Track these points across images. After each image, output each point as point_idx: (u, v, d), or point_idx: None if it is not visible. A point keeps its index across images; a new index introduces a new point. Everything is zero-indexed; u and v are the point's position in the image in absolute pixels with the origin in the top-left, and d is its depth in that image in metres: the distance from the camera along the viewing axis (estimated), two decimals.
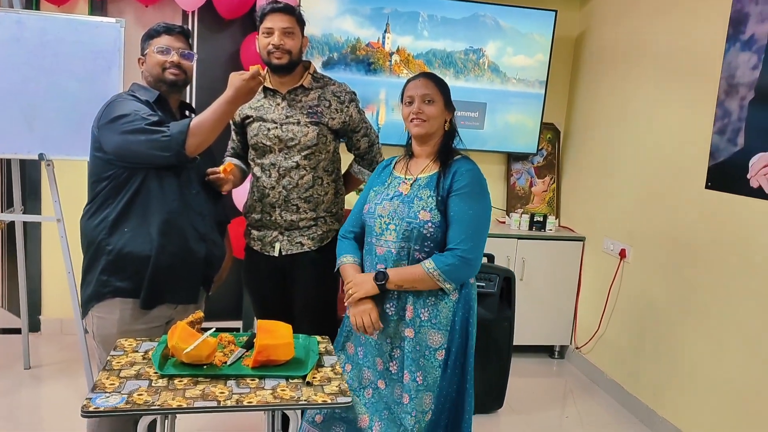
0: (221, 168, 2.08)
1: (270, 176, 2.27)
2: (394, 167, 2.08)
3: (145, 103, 1.95)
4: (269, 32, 2.18)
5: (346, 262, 2.05)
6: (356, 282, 1.95)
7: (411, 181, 1.98)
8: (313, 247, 2.31)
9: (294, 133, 2.23)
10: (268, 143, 2.26)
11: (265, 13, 2.19)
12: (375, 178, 2.12)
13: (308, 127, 2.23)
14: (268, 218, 2.30)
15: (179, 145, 1.86)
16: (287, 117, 2.25)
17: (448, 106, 1.99)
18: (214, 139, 1.95)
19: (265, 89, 2.29)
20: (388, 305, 1.96)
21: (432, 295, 1.92)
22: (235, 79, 1.92)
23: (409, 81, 2.02)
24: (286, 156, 2.25)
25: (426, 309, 1.92)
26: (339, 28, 3.59)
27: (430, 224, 1.89)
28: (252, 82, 1.92)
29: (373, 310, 1.93)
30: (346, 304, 2.00)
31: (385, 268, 1.93)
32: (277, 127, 2.24)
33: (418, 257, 1.92)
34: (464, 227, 1.87)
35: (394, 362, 1.96)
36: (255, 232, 2.37)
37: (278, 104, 2.27)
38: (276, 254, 2.32)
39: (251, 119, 2.30)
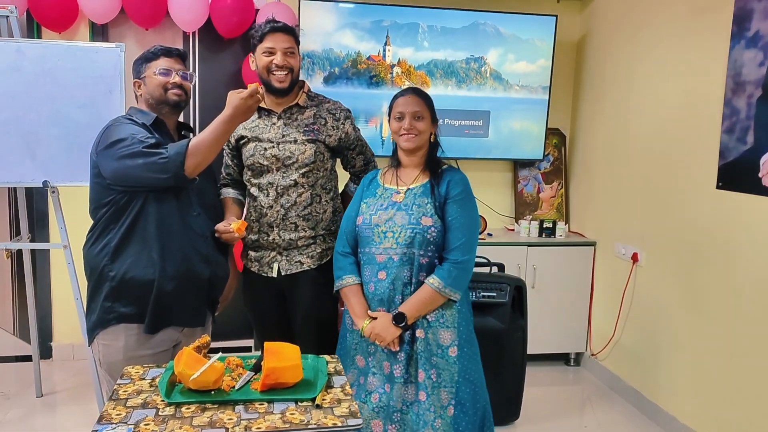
0: (234, 227, 2.04)
1: (268, 195, 2.26)
2: (381, 179, 2.16)
3: (142, 126, 1.94)
4: (271, 51, 2.17)
5: (345, 284, 2.12)
6: (378, 332, 2.02)
7: (404, 191, 2.08)
8: (312, 266, 2.28)
9: (291, 152, 2.22)
10: (266, 163, 2.24)
11: (265, 32, 2.18)
12: (363, 191, 2.17)
13: (305, 145, 2.22)
14: (265, 238, 2.28)
15: (178, 166, 1.84)
16: (284, 136, 2.23)
17: (434, 119, 2.12)
18: (213, 158, 1.94)
19: (260, 109, 2.27)
20: (392, 309, 2.04)
21: None
22: (234, 97, 1.91)
23: (397, 96, 2.11)
24: (284, 175, 2.23)
25: (432, 312, 2.03)
26: (339, 43, 3.58)
27: (433, 229, 2.01)
28: (250, 100, 1.91)
29: (397, 339, 2.03)
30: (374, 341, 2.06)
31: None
32: (273, 147, 2.23)
33: (422, 262, 2.03)
34: (463, 231, 2.02)
35: (399, 365, 2.03)
36: (252, 253, 2.35)
37: (274, 124, 2.26)
38: (274, 275, 2.29)
39: (246, 140, 2.28)
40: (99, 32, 3.54)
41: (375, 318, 2.04)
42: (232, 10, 3.41)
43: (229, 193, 2.37)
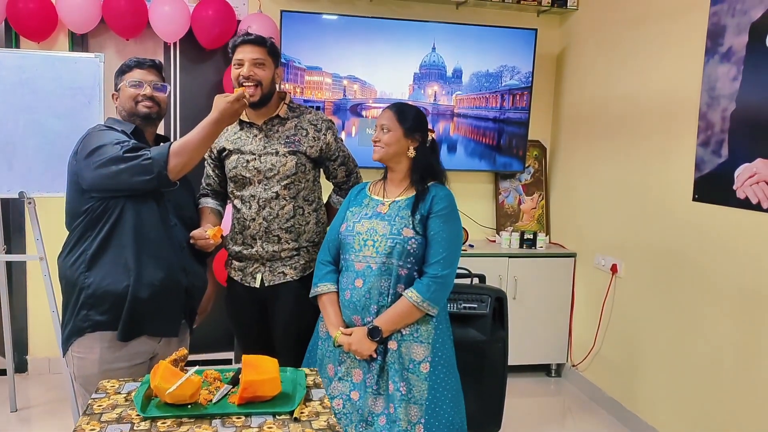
0: (210, 233, 2.04)
1: (250, 208, 2.25)
2: (369, 190, 2.19)
3: (122, 133, 1.94)
4: (240, 63, 2.17)
5: (320, 291, 2.13)
6: (355, 347, 2.02)
7: (389, 203, 2.09)
8: (295, 277, 2.28)
9: (272, 164, 2.21)
10: (248, 175, 2.24)
11: (236, 44, 2.18)
12: (350, 201, 2.20)
13: (286, 157, 2.22)
14: (249, 250, 2.27)
15: (161, 166, 1.84)
16: (265, 148, 2.23)
17: (411, 134, 2.08)
18: (197, 161, 1.93)
19: (241, 122, 2.27)
20: (368, 318, 2.04)
21: None
22: (220, 101, 1.93)
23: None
24: (266, 187, 2.23)
25: (407, 325, 2.02)
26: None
27: (413, 240, 2.01)
28: (236, 104, 1.93)
29: (373, 350, 2.03)
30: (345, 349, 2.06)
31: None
32: (255, 159, 2.23)
33: (401, 273, 2.02)
34: (444, 246, 2.02)
35: (371, 375, 2.03)
36: (236, 263, 2.34)
37: (255, 136, 2.25)
38: (257, 285, 2.29)
39: (228, 152, 2.28)
40: (78, 42, 3.52)
41: (349, 334, 2.03)
42: (213, 21, 3.41)
43: (208, 203, 2.36)
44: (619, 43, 3.39)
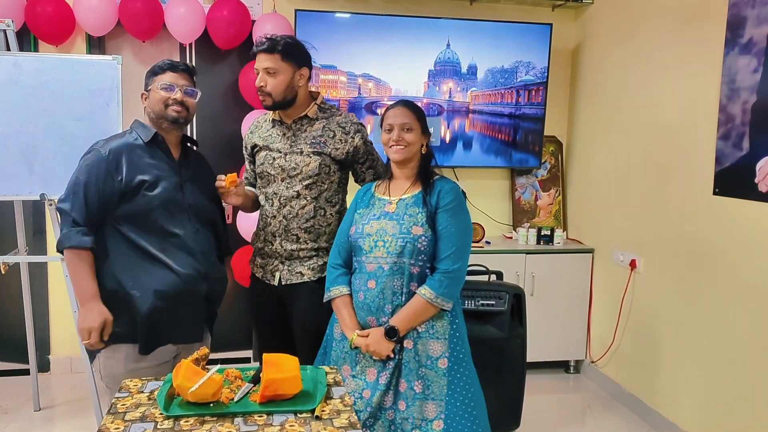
0: (227, 178, 2.09)
1: (272, 205, 2.29)
2: (375, 190, 2.19)
3: (135, 145, 1.98)
4: (257, 72, 2.21)
5: (333, 295, 2.12)
6: (373, 348, 2.01)
7: (396, 201, 2.09)
8: (313, 278, 2.29)
9: (296, 163, 2.24)
10: (273, 172, 2.28)
11: (254, 53, 2.22)
12: (358, 203, 2.19)
13: (310, 157, 2.24)
14: (269, 247, 2.31)
15: (61, 244, 1.93)
16: (291, 147, 2.26)
17: (424, 131, 2.12)
18: None
19: (273, 120, 2.33)
20: (383, 319, 2.03)
21: None
22: (84, 329, 1.92)
23: (388, 109, 2.13)
24: (288, 185, 2.26)
25: (423, 322, 2.02)
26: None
27: (423, 238, 2.00)
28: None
29: (391, 350, 2.03)
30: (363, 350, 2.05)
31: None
32: (281, 157, 2.27)
33: (413, 271, 2.02)
34: (454, 240, 2.01)
35: (385, 373, 2.02)
36: (259, 260, 2.38)
37: (284, 134, 2.29)
38: (276, 283, 2.31)
39: (259, 148, 2.33)
40: (96, 45, 3.56)
41: (366, 336, 2.02)
42: (228, 21, 3.43)
43: (248, 188, 2.43)
44: (635, 36, 3.35)
